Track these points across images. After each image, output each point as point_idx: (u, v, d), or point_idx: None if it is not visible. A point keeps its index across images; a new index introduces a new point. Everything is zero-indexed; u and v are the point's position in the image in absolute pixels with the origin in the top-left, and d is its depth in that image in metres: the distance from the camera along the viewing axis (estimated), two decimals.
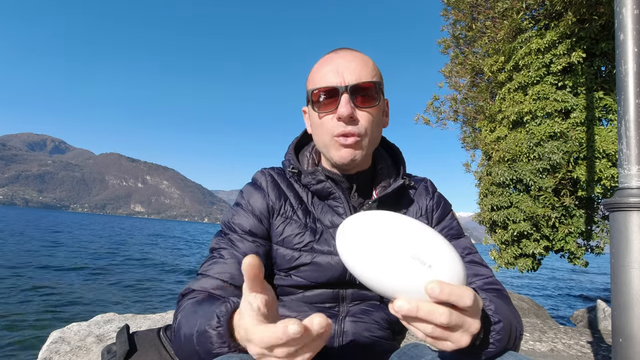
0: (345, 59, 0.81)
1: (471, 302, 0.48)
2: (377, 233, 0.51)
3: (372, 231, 0.52)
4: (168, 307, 7.14)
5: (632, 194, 1.87)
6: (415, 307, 0.47)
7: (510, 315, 0.67)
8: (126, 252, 17.83)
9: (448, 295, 0.47)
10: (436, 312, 0.47)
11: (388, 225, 0.52)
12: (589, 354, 3.16)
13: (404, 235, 0.51)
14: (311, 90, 0.82)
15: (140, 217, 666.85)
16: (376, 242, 0.50)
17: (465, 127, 6.92)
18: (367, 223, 0.53)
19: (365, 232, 0.52)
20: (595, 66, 4.92)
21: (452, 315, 0.48)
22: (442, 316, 0.47)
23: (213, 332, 0.57)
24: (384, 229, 0.51)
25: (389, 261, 0.49)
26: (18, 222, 38.55)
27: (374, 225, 0.52)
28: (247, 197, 0.90)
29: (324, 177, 0.87)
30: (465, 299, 0.48)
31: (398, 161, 0.96)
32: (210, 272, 0.79)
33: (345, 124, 0.78)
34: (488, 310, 0.61)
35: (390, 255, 0.49)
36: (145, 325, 2.17)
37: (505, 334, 0.61)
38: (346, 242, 0.53)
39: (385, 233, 0.51)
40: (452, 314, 0.48)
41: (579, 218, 4.87)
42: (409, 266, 0.49)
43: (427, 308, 0.47)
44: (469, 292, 0.48)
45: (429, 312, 0.47)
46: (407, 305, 0.48)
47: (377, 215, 0.54)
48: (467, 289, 0.49)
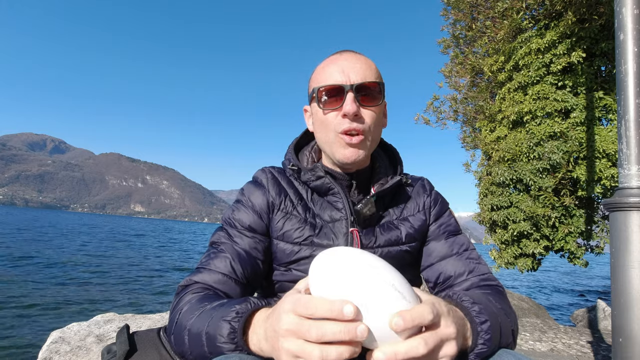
0: (349, 61, 0.83)
1: (432, 315, 0.48)
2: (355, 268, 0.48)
3: (348, 266, 0.49)
4: (168, 307, 7.14)
5: (632, 194, 1.87)
6: (393, 353, 0.46)
7: (499, 312, 0.68)
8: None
9: (412, 321, 0.46)
10: (413, 348, 0.46)
11: (363, 258, 0.50)
12: (589, 353, 3.16)
13: (381, 267, 0.50)
14: (317, 88, 0.83)
15: (140, 217, 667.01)
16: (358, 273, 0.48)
17: (465, 127, 6.92)
18: (342, 256, 0.51)
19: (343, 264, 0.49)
20: (595, 66, 4.91)
21: (428, 341, 0.47)
22: (420, 347, 0.46)
23: (226, 324, 0.58)
24: (359, 263, 0.49)
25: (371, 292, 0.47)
26: (14, 223, 38.59)
27: (349, 259, 0.50)
28: (248, 194, 0.92)
29: (323, 173, 0.88)
30: (426, 316, 0.47)
31: (395, 160, 0.99)
32: (211, 266, 0.80)
33: (350, 121, 0.80)
34: (472, 311, 0.62)
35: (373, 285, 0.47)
36: (145, 325, 2.17)
37: (495, 332, 0.62)
38: (320, 280, 0.50)
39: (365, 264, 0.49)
40: (427, 339, 0.47)
41: (579, 218, 4.87)
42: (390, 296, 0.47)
43: (403, 348, 0.46)
44: (425, 307, 0.48)
45: (407, 351, 0.46)
46: (383, 356, 0.46)
47: (347, 251, 0.52)
48: (422, 305, 0.48)
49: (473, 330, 0.60)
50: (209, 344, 0.60)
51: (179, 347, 0.68)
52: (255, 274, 0.85)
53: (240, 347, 0.57)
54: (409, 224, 0.91)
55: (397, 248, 0.89)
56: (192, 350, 0.64)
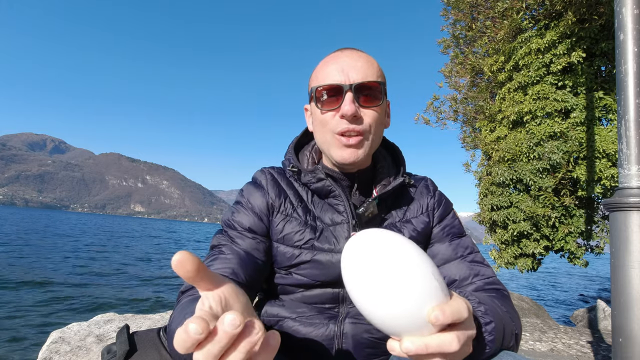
0: (350, 58, 0.81)
1: (467, 312, 0.46)
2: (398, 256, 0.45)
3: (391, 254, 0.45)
4: (168, 307, 7.14)
5: (632, 194, 1.87)
6: (424, 345, 0.44)
7: (504, 315, 0.67)
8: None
9: (451, 316, 0.44)
10: (446, 342, 0.44)
11: (403, 246, 0.47)
12: (589, 353, 3.16)
13: (422, 258, 0.46)
14: (315, 88, 0.81)
15: (140, 217, 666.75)
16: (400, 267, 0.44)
17: (465, 127, 6.92)
18: (382, 244, 0.47)
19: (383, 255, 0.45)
20: (595, 66, 4.92)
21: (460, 338, 0.46)
22: (453, 344, 0.45)
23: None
24: (402, 250, 0.46)
25: (413, 287, 0.43)
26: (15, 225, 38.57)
27: (390, 246, 0.46)
28: (247, 195, 0.90)
29: (323, 175, 0.87)
30: (462, 312, 0.46)
31: (398, 160, 0.96)
32: (212, 268, 0.79)
33: (348, 122, 0.78)
34: (477, 312, 0.61)
35: (414, 272, 0.44)
36: (145, 325, 2.17)
37: (498, 334, 0.61)
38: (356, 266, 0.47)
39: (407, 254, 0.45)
40: (460, 337, 0.46)
41: (579, 218, 4.87)
42: (431, 286, 0.44)
43: (435, 342, 0.44)
44: (462, 303, 0.47)
45: (439, 345, 0.44)
46: (413, 345, 0.44)
47: (387, 237, 0.48)
48: (460, 301, 0.47)
49: (477, 331, 0.59)
50: None
51: (172, 348, 0.67)
52: (257, 276, 0.83)
53: None
54: (412, 227, 0.89)
55: None
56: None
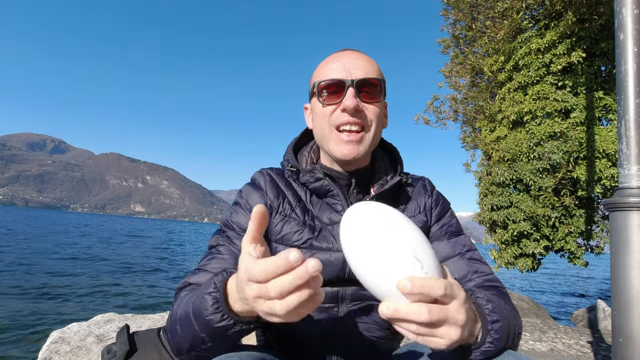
0: (352, 57, 0.83)
1: (443, 290, 0.48)
2: (382, 228, 0.51)
3: (377, 225, 0.51)
4: (169, 307, 7.14)
5: (632, 194, 1.87)
6: (395, 309, 0.48)
7: (509, 314, 0.67)
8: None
9: (420, 288, 0.47)
10: (415, 311, 0.48)
11: (393, 221, 0.52)
12: (589, 353, 3.16)
13: (408, 234, 0.51)
14: (317, 82, 0.83)
15: (140, 217, 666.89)
16: (382, 238, 0.50)
17: (465, 127, 6.92)
18: (373, 216, 0.52)
19: (370, 225, 0.51)
20: (595, 66, 4.92)
21: (433, 311, 0.48)
22: (422, 314, 0.48)
23: (208, 296, 0.59)
24: (389, 224, 0.51)
25: (391, 258, 0.49)
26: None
27: (380, 219, 0.52)
28: (246, 196, 0.91)
29: (322, 174, 0.88)
30: (436, 289, 0.48)
31: (395, 160, 0.97)
32: (208, 267, 0.80)
33: (349, 115, 0.80)
34: (485, 309, 0.61)
35: (394, 252, 0.49)
36: (145, 325, 2.17)
37: (504, 333, 0.61)
38: (349, 233, 0.53)
39: (390, 229, 0.50)
40: (433, 310, 0.48)
41: (579, 218, 4.87)
42: (409, 265, 0.49)
43: (405, 309, 0.48)
44: (439, 282, 0.49)
45: (408, 312, 0.48)
46: (386, 309, 0.48)
47: (381, 210, 0.54)
48: (439, 279, 0.49)
49: (483, 328, 0.59)
50: (198, 321, 0.61)
51: (175, 339, 0.68)
52: None
53: (226, 314, 0.58)
54: None
55: None
56: (185, 335, 0.64)
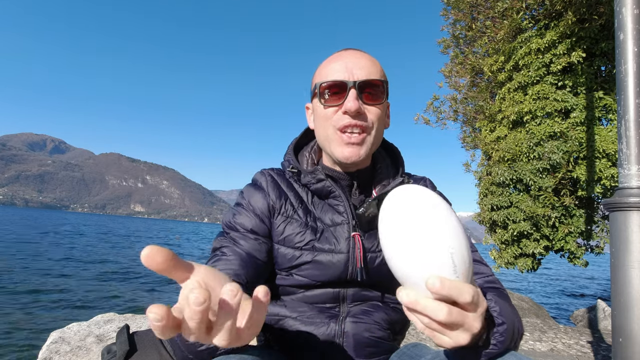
0: (354, 57, 0.82)
1: (470, 298, 0.48)
2: (431, 217, 0.49)
3: (427, 213, 0.50)
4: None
5: (632, 194, 1.87)
6: (414, 300, 0.48)
7: (513, 317, 0.67)
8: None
9: (449, 290, 0.47)
10: (434, 309, 0.48)
11: (442, 214, 0.50)
12: (589, 353, 3.16)
13: (453, 233, 0.49)
14: (319, 84, 0.82)
15: (140, 217, 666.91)
16: (427, 227, 0.49)
17: (465, 127, 6.93)
18: (426, 202, 0.51)
19: (420, 210, 0.50)
20: (595, 66, 4.92)
21: (452, 313, 0.48)
22: (440, 313, 0.47)
23: None
24: (438, 216, 0.50)
25: (428, 250, 0.48)
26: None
27: (432, 207, 0.50)
28: (248, 197, 0.90)
29: (323, 176, 0.87)
30: (465, 295, 0.48)
31: (397, 161, 0.96)
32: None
33: (351, 117, 0.79)
34: (493, 311, 0.61)
35: (433, 246, 0.48)
36: (145, 325, 2.17)
37: (508, 335, 0.61)
38: (395, 209, 0.51)
39: (438, 221, 0.49)
40: (452, 311, 0.48)
41: (579, 218, 4.87)
42: (444, 264, 0.48)
43: (425, 303, 0.48)
44: (470, 289, 0.48)
45: (426, 307, 0.48)
46: (406, 297, 0.49)
47: (435, 199, 0.52)
48: (469, 286, 0.49)
49: (489, 329, 0.59)
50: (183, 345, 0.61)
51: (175, 346, 0.67)
52: (258, 277, 0.83)
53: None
54: None
55: None
56: (183, 343, 0.64)
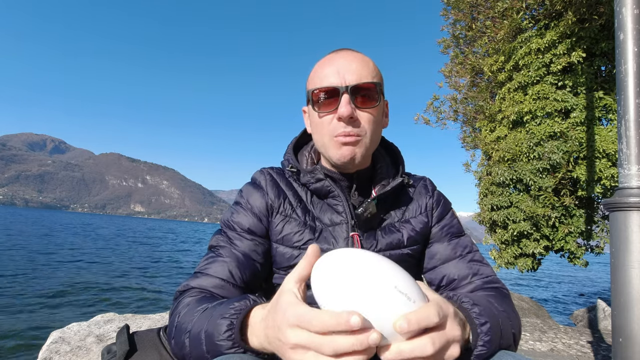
0: (346, 60, 0.81)
1: (438, 317, 0.47)
2: (358, 274, 0.47)
3: (352, 272, 0.47)
4: (168, 307, 7.14)
5: (632, 194, 1.87)
6: (398, 352, 0.46)
7: (500, 314, 0.67)
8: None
9: (417, 324, 0.45)
10: (419, 347, 0.46)
11: (364, 263, 0.49)
12: (589, 353, 3.16)
13: (384, 270, 0.48)
14: (311, 90, 0.81)
15: (140, 217, 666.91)
16: (361, 284, 0.46)
17: (465, 127, 6.92)
18: (344, 259, 0.49)
19: (345, 273, 0.48)
20: (595, 66, 4.91)
21: (436, 341, 0.47)
22: (427, 347, 0.46)
23: (224, 321, 0.58)
24: (363, 268, 0.48)
25: (376, 299, 0.46)
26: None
27: (351, 265, 0.48)
28: (247, 196, 0.90)
29: (322, 175, 0.87)
30: (432, 318, 0.47)
31: (397, 160, 0.96)
32: (209, 271, 0.79)
33: (345, 124, 0.78)
34: (472, 312, 0.61)
35: (378, 293, 0.46)
36: (145, 325, 2.17)
37: (494, 334, 0.61)
38: (324, 287, 0.48)
39: (366, 273, 0.47)
40: (435, 340, 0.47)
41: (579, 218, 4.87)
42: (396, 301, 0.46)
43: (408, 347, 0.46)
44: (432, 309, 0.47)
45: (412, 350, 0.46)
46: (389, 355, 0.46)
47: (349, 256, 0.50)
48: (430, 307, 0.48)
49: (473, 332, 0.59)
50: (208, 343, 0.60)
51: (180, 351, 0.67)
52: (255, 278, 0.83)
53: (238, 345, 0.56)
54: (411, 227, 0.89)
55: (398, 251, 0.87)
56: (192, 351, 0.63)
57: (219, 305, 0.63)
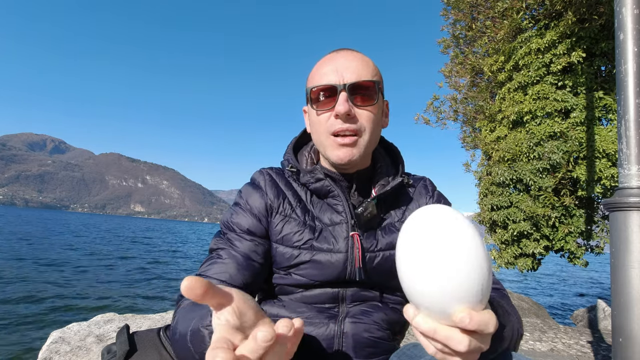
0: (345, 59, 0.81)
1: (494, 328, 0.46)
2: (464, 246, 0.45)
3: (460, 240, 0.46)
4: (168, 307, 7.14)
5: (632, 194, 1.87)
6: (432, 328, 0.46)
7: (513, 319, 0.67)
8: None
9: (477, 325, 0.44)
10: (455, 339, 0.45)
11: (473, 242, 0.46)
12: (589, 353, 3.16)
13: (483, 261, 0.46)
14: (310, 89, 0.82)
15: (140, 217, 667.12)
16: (459, 257, 0.45)
17: (465, 127, 6.93)
18: (459, 229, 0.47)
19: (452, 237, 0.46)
20: (595, 66, 4.92)
21: (471, 344, 0.46)
22: (461, 344, 0.45)
23: (205, 331, 0.57)
24: (471, 244, 0.46)
25: (460, 281, 0.44)
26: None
27: (464, 235, 0.46)
28: (246, 196, 0.90)
29: (322, 175, 0.87)
30: (490, 327, 0.46)
31: (397, 160, 0.96)
32: (209, 273, 0.79)
33: (342, 121, 0.78)
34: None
35: (466, 277, 0.44)
36: (145, 325, 2.17)
37: (507, 337, 0.62)
38: (422, 232, 0.47)
39: (471, 251, 0.45)
40: (472, 342, 0.46)
41: (579, 218, 4.87)
42: (473, 296, 0.45)
43: (445, 333, 0.45)
44: (493, 319, 0.46)
45: (446, 337, 0.45)
46: (424, 325, 0.46)
47: (467, 227, 0.48)
48: (491, 316, 0.47)
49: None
50: (197, 351, 0.59)
51: (181, 354, 0.67)
52: (255, 278, 0.83)
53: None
54: None
55: None
56: (186, 355, 0.63)
57: (201, 311, 0.62)
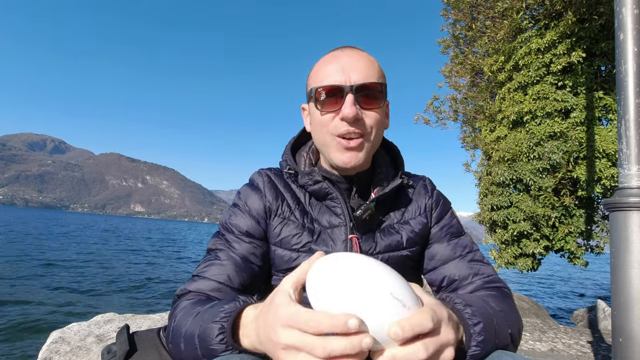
0: (351, 58, 0.79)
1: (432, 323, 0.47)
2: (354, 279, 0.47)
3: (348, 277, 0.47)
4: (168, 307, 7.13)
5: (632, 194, 1.87)
6: (392, 357, 0.46)
7: (495, 314, 0.66)
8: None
9: (411, 331, 0.45)
10: (412, 353, 0.46)
11: (361, 268, 0.48)
12: (589, 353, 3.16)
13: (380, 276, 0.48)
14: (315, 88, 0.79)
15: (141, 217, 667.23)
16: (357, 290, 0.46)
17: (465, 127, 6.93)
18: (340, 263, 0.49)
19: (342, 278, 0.47)
20: (595, 66, 4.92)
21: (429, 346, 0.47)
22: (420, 352, 0.46)
23: (215, 325, 0.58)
24: (359, 273, 0.48)
25: (371, 305, 0.46)
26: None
27: (348, 270, 0.48)
28: (245, 198, 0.89)
29: (320, 177, 0.85)
30: (426, 324, 0.46)
31: (397, 160, 0.95)
32: (207, 274, 0.79)
33: (349, 124, 0.77)
34: (465, 313, 0.61)
35: (373, 299, 0.46)
36: (145, 325, 2.17)
37: (489, 334, 0.61)
38: (320, 290, 0.48)
39: (362, 278, 0.47)
40: (428, 345, 0.47)
41: (579, 218, 4.87)
42: (391, 307, 0.46)
43: (402, 353, 0.46)
44: (426, 314, 0.47)
45: (405, 356, 0.46)
46: (385, 359, 0.46)
47: (346, 261, 0.50)
48: (421, 313, 0.47)
49: (466, 333, 0.59)
50: (202, 347, 0.60)
51: (177, 355, 0.67)
52: (253, 280, 0.83)
53: (232, 347, 0.57)
54: (410, 228, 0.88)
55: (397, 253, 0.86)
56: (188, 355, 0.64)
57: (210, 309, 0.64)
